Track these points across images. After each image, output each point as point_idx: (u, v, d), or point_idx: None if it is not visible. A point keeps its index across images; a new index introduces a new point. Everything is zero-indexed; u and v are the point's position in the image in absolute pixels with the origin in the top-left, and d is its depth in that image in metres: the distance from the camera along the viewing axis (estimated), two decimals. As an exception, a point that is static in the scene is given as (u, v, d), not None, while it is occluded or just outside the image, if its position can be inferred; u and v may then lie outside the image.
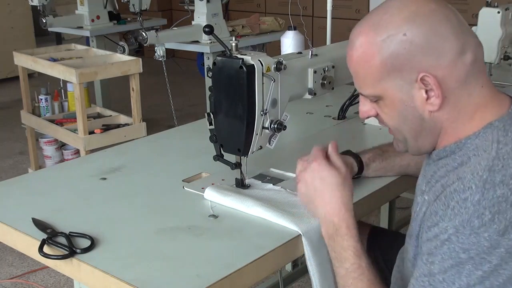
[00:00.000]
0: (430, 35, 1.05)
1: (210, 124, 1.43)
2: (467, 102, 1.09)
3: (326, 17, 2.76)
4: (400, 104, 1.11)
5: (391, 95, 1.11)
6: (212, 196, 1.41)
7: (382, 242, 1.61)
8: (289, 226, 1.28)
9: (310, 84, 1.51)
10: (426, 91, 1.08)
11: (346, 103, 2.02)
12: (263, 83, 1.36)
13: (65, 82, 3.39)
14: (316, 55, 1.56)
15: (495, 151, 1.03)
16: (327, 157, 1.31)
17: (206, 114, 1.43)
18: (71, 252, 1.19)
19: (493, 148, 1.03)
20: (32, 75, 4.54)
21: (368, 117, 1.21)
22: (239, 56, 1.34)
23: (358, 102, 1.99)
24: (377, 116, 1.19)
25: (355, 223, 1.24)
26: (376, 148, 1.51)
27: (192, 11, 3.83)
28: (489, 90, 1.11)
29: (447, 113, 1.10)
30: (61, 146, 3.50)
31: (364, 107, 1.20)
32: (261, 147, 1.43)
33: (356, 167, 1.45)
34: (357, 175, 1.46)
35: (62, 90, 3.60)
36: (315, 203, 1.27)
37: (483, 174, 1.00)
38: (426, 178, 1.17)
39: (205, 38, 3.65)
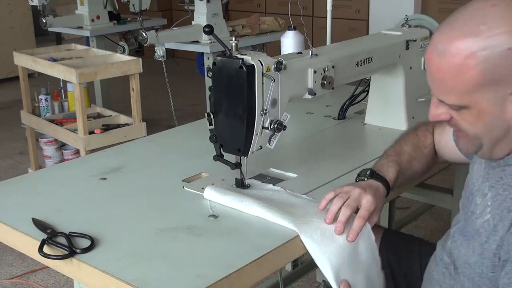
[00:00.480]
0: None
1: (210, 124, 1.43)
2: None
3: (326, 17, 2.76)
4: (489, 116, 1.07)
5: (481, 107, 1.06)
6: (212, 196, 1.41)
7: (395, 245, 1.61)
8: (288, 226, 1.27)
9: (310, 84, 1.51)
10: None
11: (346, 103, 2.02)
12: (263, 83, 1.36)
13: (65, 82, 3.39)
14: (316, 55, 1.56)
15: None
16: None
17: (206, 114, 1.43)
18: (71, 252, 1.19)
19: None
20: (32, 75, 4.54)
21: (437, 120, 1.17)
22: (239, 56, 1.34)
23: (358, 102, 2.02)
24: (450, 120, 1.14)
25: None
26: (393, 163, 1.44)
27: (192, 11, 3.83)
28: None
29: None
30: (61, 146, 3.50)
31: (438, 110, 1.14)
32: (261, 147, 1.43)
33: (386, 193, 1.39)
34: None
35: (62, 90, 3.60)
36: None
37: None
38: (489, 182, 1.14)
39: (205, 38, 3.65)
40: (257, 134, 1.39)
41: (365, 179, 1.40)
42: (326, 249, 1.26)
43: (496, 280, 1.10)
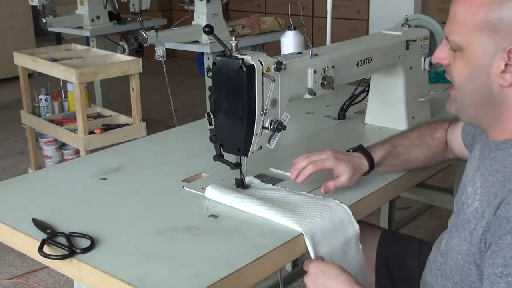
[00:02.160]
0: None
1: (210, 124, 1.43)
2: None
3: (326, 17, 2.76)
4: (476, 65, 1.11)
5: (473, 51, 1.10)
6: (213, 195, 1.41)
7: (394, 246, 1.61)
8: (291, 226, 1.27)
9: (310, 84, 1.51)
10: (506, 65, 1.08)
11: (346, 103, 2.02)
12: (263, 83, 1.36)
13: (65, 82, 3.39)
14: (316, 55, 1.56)
15: None
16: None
17: (206, 114, 1.43)
18: (71, 252, 1.19)
19: None
20: (32, 75, 4.54)
21: (437, 63, 1.22)
22: (239, 56, 1.34)
23: (358, 102, 2.02)
24: (447, 67, 1.19)
25: None
26: (387, 143, 1.52)
27: (192, 11, 3.83)
28: None
29: None
30: (61, 146, 3.50)
31: (440, 53, 1.19)
32: (261, 147, 1.43)
33: (366, 167, 1.46)
34: (366, 173, 1.48)
35: (62, 90, 3.60)
36: None
37: None
38: (480, 170, 1.15)
39: (205, 38, 3.65)
40: (257, 134, 1.39)
41: (351, 151, 1.49)
42: (323, 249, 1.27)
43: (481, 266, 1.10)
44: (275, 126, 1.41)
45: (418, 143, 1.52)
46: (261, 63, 1.34)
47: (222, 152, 1.45)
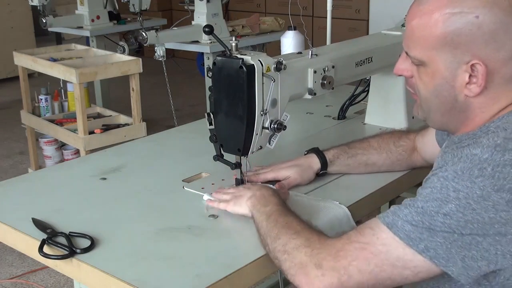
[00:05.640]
0: (499, 27, 1.06)
1: (210, 124, 1.43)
2: (504, 100, 1.11)
3: (326, 17, 2.76)
4: (440, 78, 1.12)
5: (436, 66, 1.12)
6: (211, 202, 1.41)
7: None
8: None
9: (310, 84, 1.51)
10: (470, 76, 1.09)
11: (346, 103, 2.02)
12: (263, 83, 1.36)
13: (65, 82, 3.40)
14: (316, 55, 1.56)
15: None
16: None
17: (206, 114, 1.43)
18: (71, 252, 1.19)
19: None
20: (32, 75, 4.53)
21: (399, 75, 1.23)
22: (239, 56, 1.34)
23: (358, 102, 2.02)
24: (409, 78, 1.20)
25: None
26: (343, 145, 1.57)
27: (192, 11, 3.83)
28: None
29: (481, 103, 1.11)
30: (61, 146, 3.50)
31: (402, 65, 1.21)
32: (261, 147, 1.43)
33: (318, 164, 1.52)
34: (322, 171, 1.52)
35: (62, 90, 3.60)
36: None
37: (497, 139, 1.04)
38: (442, 160, 1.16)
39: (205, 38, 3.65)
40: (257, 134, 1.39)
41: (305, 153, 1.56)
42: None
43: None
44: (275, 126, 1.41)
45: (377, 147, 1.55)
46: (261, 63, 1.34)
47: (222, 152, 1.45)
